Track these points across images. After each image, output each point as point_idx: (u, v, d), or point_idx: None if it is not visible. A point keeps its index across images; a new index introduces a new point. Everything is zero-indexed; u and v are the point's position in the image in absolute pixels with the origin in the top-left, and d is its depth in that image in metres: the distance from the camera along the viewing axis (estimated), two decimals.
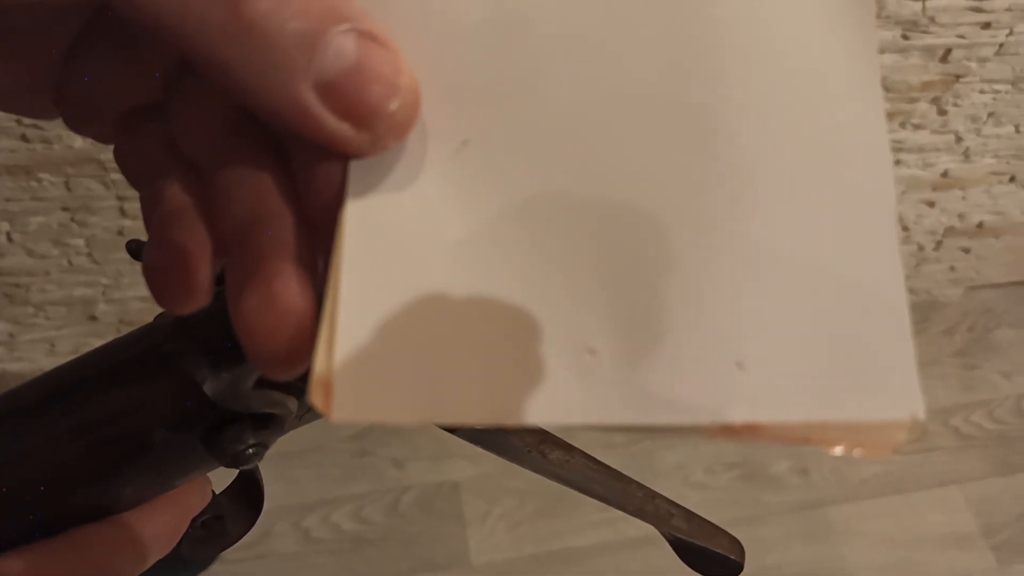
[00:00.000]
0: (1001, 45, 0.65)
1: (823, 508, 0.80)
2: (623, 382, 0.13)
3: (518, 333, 0.13)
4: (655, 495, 0.25)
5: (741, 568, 0.25)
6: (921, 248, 0.90)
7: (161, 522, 0.18)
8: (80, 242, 0.67)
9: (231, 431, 0.16)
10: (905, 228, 0.86)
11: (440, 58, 0.14)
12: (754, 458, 0.83)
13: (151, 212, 0.14)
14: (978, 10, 0.61)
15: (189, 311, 0.14)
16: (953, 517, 0.80)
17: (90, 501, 0.16)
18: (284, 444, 0.81)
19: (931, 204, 0.83)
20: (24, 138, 0.57)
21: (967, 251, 0.91)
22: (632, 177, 0.14)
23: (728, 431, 0.14)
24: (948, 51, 0.65)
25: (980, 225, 0.87)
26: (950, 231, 0.88)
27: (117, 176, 0.60)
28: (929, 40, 0.63)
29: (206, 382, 0.16)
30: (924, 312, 0.98)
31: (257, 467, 0.22)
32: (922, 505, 0.81)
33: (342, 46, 0.12)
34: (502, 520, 0.76)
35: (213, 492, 0.20)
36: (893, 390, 0.14)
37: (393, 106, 0.13)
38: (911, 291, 0.97)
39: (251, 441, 0.17)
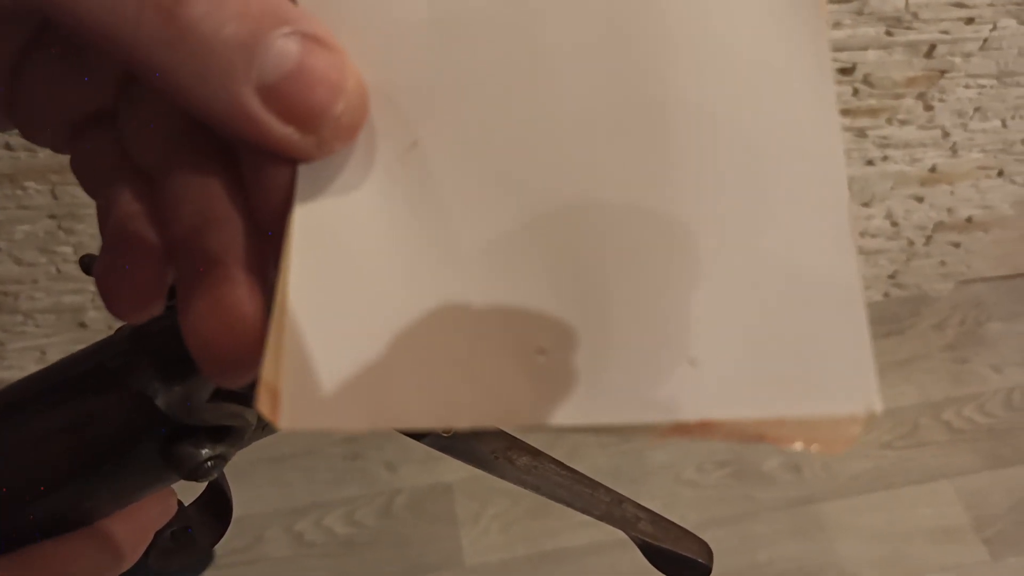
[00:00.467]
0: (985, 40, 0.65)
1: (814, 504, 0.80)
2: (574, 382, 0.13)
3: (467, 334, 0.13)
4: (622, 499, 0.25)
5: (709, 571, 0.25)
6: (911, 243, 0.90)
7: (122, 535, 0.17)
8: (68, 249, 0.67)
9: (187, 444, 0.16)
10: (894, 223, 0.86)
11: (387, 59, 0.14)
12: (745, 455, 0.83)
13: (104, 220, 0.14)
14: (961, 5, 0.62)
15: (140, 319, 0.14)
16: (944, 511, 0.80)
17: (48, 516, 0.16)
18: (275, 448, 0.81)
19: (920, 199, 0.83)
20: (8, 146, 0.57)
21: (957, 245, 0.92)
22: (580, 176, 0.14)
23: (681, 429, 0.14)
24: (932, 47, 0.65)
25: (969, 219, 0.87)
26: (939, 226, 0.88)
27: None
28: (912, 36, 0.63)
29: (158, 396, 0.16)
30: (915, 306, 0.98)
31: (224, 478, 0.22)
32: (913, 499, 0.81)
33: (284, 49, 0.12)
34: (495, 521, 0.76)
35: (180, 503, 0.20)
36: (848, 384, 0.14)
37: (339, 109, 0.13)
38: (901, 286, 0.97)
39: (208, 454, 0.17)
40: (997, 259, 0.99)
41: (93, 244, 0.66)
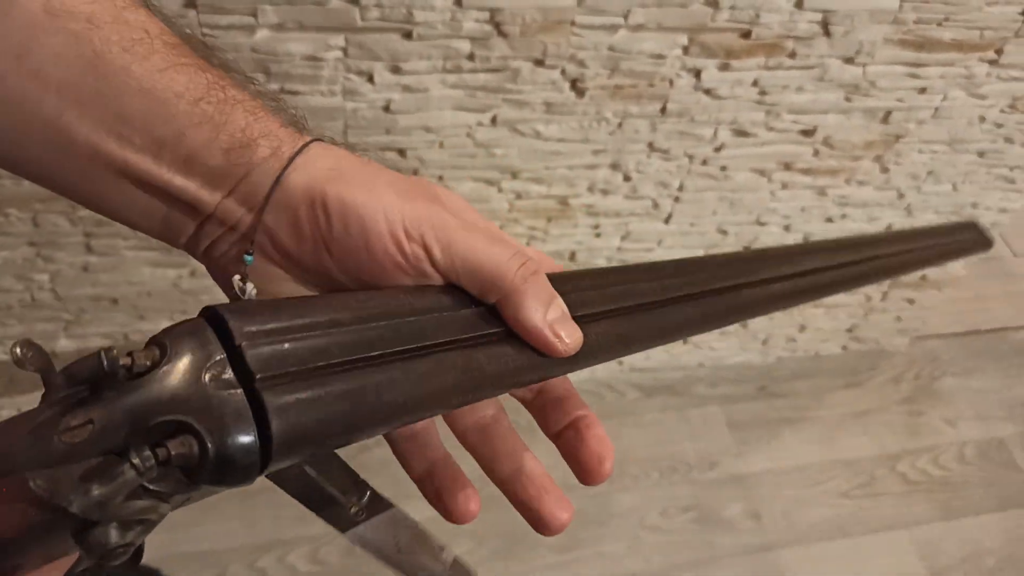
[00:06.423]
0: (936, 109, 0.69)
1: (774, 551, 0.81)
2: None
3: None
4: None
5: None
6: (868, 299, 0.93)
7: None
8: (44, 277, 0.67)
9: (96, 535, 0.16)
10: None
11: None
12: (708, 501, 0.84)
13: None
14: (914, 76, 0.66)
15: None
16: (901, 560, 0.82)
17: None
18: None
19: None
20: None
21: (911, 302, 0.95)
22: None
23: None
24: (888, 113, 0.69)
25: (923, 278, 0.91)
26: (895, 283, 0.91)
27: (85, 213, 0.61)
28: (870, 103, 0.67)
29: (73, 504, 0.16)
30: (872, 360, 1.01)
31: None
32: (871, 549, 0.83)
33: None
34: None
35: None
36: None
37: None
38: (860, 340, 1.00)
39: (118, 542, 0.16)
40: (951, 316, 1.03)
41: (71, 273, 0.67)
